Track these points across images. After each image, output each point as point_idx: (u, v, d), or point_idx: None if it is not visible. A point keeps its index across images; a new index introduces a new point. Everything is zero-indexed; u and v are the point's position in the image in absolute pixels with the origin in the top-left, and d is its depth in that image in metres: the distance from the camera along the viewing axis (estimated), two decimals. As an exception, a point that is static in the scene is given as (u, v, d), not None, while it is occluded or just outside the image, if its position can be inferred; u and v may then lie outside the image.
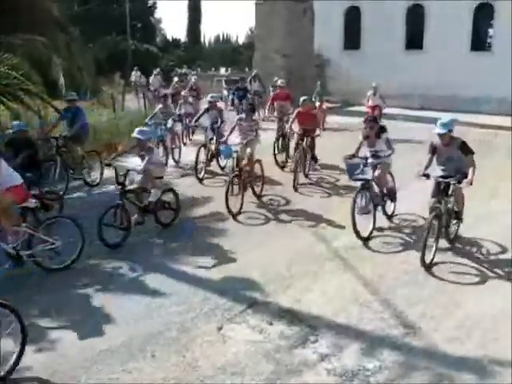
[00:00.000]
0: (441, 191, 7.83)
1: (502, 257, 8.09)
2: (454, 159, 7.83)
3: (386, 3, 29.87)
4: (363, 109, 20.97)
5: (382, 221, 9.28)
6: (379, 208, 9.09)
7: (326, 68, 30.62)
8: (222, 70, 52.56)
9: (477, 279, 7.31)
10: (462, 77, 27.68)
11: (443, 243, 8.08)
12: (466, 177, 7.52)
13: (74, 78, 13.51)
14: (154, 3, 61.04)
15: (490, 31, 29.52)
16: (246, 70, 40.66)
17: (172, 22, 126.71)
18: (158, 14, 66.51)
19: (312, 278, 7.35)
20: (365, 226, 8.64)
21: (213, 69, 49.23)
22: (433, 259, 7.57)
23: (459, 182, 7.57)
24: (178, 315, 6.39)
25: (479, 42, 29.38)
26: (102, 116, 18.38)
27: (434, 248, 7.59)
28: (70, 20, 15.78)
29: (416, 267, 7.48)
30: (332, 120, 21.23)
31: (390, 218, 9.56)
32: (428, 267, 7.46)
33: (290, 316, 6.33)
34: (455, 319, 6.24)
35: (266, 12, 26.90)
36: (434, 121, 8.15)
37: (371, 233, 8.75)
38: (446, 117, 8.29)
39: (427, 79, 28.12)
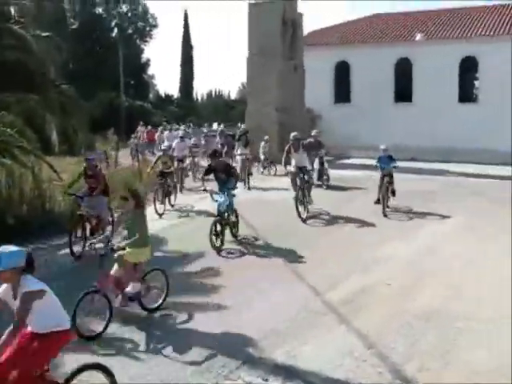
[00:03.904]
0: None
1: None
2: None
3: (374, 57, 30.59)
4: (355, 161, 21.23)
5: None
6: None
7: (317, 122, 31.04)
8: (215, 126, 53.09)
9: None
10: (450, 128, 28.19)
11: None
12: None
13: (67, 136, 13.63)
14: (148, 60, 62.35)
15: (476, 83, 30.25)
16: (239, 124, 41.12)
17: (165, 78, 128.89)
18: (150, 71, 67.66)
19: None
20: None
21: (205, 124, 49.74)
22: None
23: None
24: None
25: (466, 93, 30.04)
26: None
27: None
28: (65, 77, 16.06)
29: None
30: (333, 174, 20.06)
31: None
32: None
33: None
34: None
35: (258, 68, 27.41)
36: (427, 171, 8.26)
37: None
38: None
39: (417, 131, 28.57)
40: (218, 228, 11.09)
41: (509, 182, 19.63)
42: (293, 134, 14.90)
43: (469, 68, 29.40)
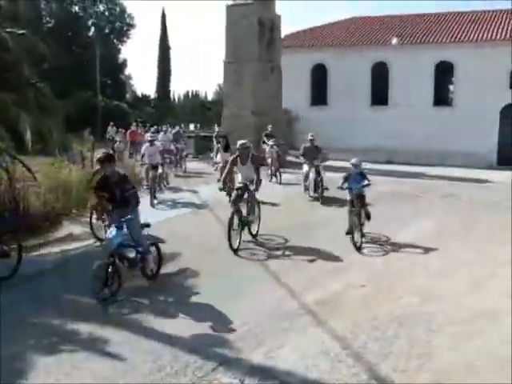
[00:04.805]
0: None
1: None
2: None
3: (351, 61, 30.82)
4: (331, 163, 21.33)
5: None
6: None
7: (294, 123, 31.15)
8: (191, 127, 52.86)
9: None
10: (426, 131, 28.52)
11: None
12: None
13: (42, 135, 13.45)
14: (125, 60, 61.96)
15: (451, 87, 30.68)
16: (215, 126, 40.95)
17: (142, 78, 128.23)
18: (127, 71, 67.27)
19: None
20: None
21: (182, 125, 49.62)
22: None
23: None
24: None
25: (441, 97, 30.43)
26: (71, 173, 18.22)
27: None
28: (41, 76, 15.80)
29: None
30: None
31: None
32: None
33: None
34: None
35: (235, 70, 27.38)
36: (402, 174, 8.31)
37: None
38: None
39: (393, 134, 28.82)
40: (110, 272, 8.05)
41: (479, 185, 20.10)
42: (240, 142, 11.77)
43: (444, 72, 29.76)
